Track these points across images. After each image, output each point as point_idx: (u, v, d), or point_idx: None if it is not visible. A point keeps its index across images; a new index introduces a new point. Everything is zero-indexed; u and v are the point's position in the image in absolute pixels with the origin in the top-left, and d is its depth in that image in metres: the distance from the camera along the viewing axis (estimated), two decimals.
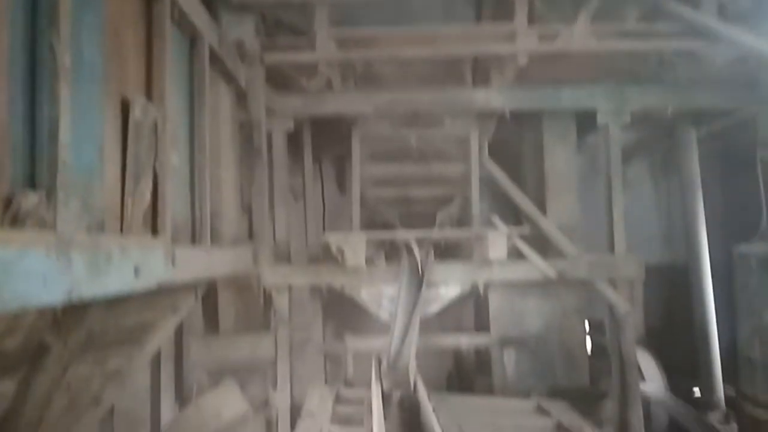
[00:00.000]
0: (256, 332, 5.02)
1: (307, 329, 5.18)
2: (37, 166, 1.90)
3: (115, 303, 2.50)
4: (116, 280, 2.21)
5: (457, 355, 6.40)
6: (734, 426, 5.08)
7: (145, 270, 2.45)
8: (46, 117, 1.88)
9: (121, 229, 2.50)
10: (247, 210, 4.92)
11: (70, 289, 1.90)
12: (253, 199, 4.80)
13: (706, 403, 5.62)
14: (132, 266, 2.35)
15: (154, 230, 2.79)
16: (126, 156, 2.51)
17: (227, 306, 5.26)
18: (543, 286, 5.01)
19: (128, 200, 2.55)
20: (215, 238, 3.72)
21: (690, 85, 4.89)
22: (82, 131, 2.15)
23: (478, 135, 5.17)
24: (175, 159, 2.99)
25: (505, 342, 5.08)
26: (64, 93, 1.87)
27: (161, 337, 3.42)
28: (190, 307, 3.63)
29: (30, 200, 1.80)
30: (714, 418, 5.39)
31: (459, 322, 6.95)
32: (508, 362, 5.06)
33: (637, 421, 4.74)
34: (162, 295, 3.11)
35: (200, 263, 3.24)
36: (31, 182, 1.90)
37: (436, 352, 5.70)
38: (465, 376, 6.11)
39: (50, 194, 1.87)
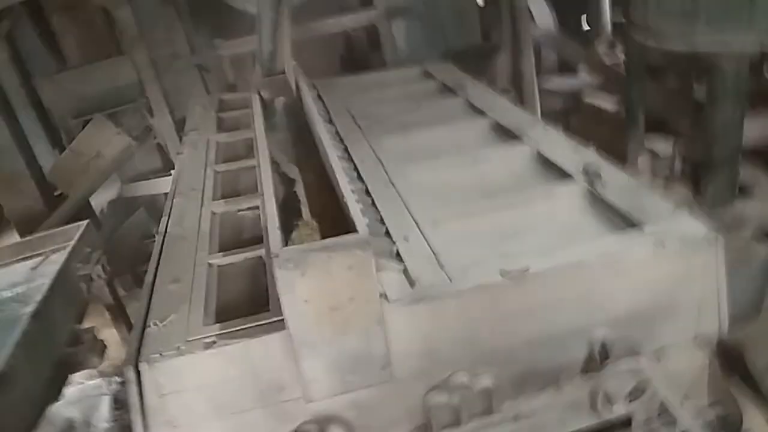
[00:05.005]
0: (108, 59, 4.37)
1: (169, 43, 4.53)
2: None
3: None
4: None
5: (348, 38, 6.01)
6: (619, 52, 5.26)
7: None
8: None
9: None
10: None
11: None
12: None
13: (593, 34, 5.73)
14: None
15: None
16: None
17: (66, 34, 4.46)
18: None
19: None
20: None
21: None
22: None
23: None
24: None
25: (392, 13, 4.68)
26: None
27: None
28: None
29: None
30: (600, 48, 5.53)
31: (344, 3, 6.34)
32: (397, 34, 4.76)
33: (529, 68, 4.81)
34: None
35: None
36: None
37: (322, 39, 5.27)
38: (358, 56, 5.84)
39: None
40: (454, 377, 1.56)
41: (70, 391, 2.96)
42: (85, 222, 3.34)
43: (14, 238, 4.64)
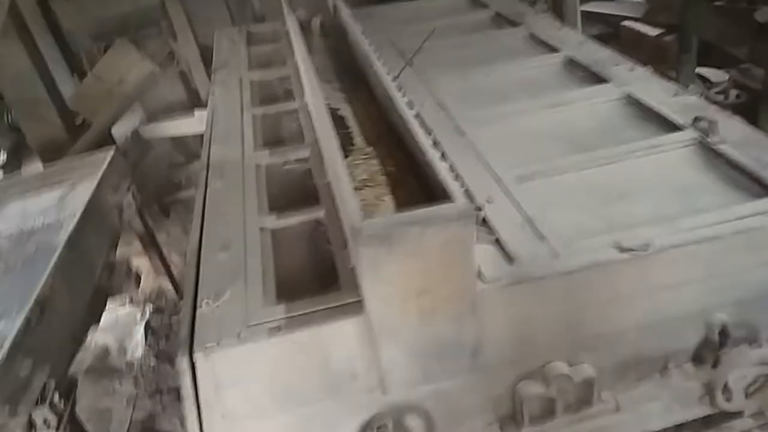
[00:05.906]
0: None
1: None
2: None
3: None
4: None
5: None
6: None
7: None
8: None
9: None
10: None
11: None
12: None
13: None
14: None
15: None
16: None
17: None
18: None
19: None
20: None
21: None
22: None
23: None
24: None
25: None
26: None
27: None
28: None
29: None
30: None
31: None
32: None
33: None
34: None
35: None
36: None
37: None
38: None
39: None
40: (553, 366, 1.34)
41: (105, 319, 2.84)
42: (113, 148, 3.12)
43: (37, 165, 4.48)
